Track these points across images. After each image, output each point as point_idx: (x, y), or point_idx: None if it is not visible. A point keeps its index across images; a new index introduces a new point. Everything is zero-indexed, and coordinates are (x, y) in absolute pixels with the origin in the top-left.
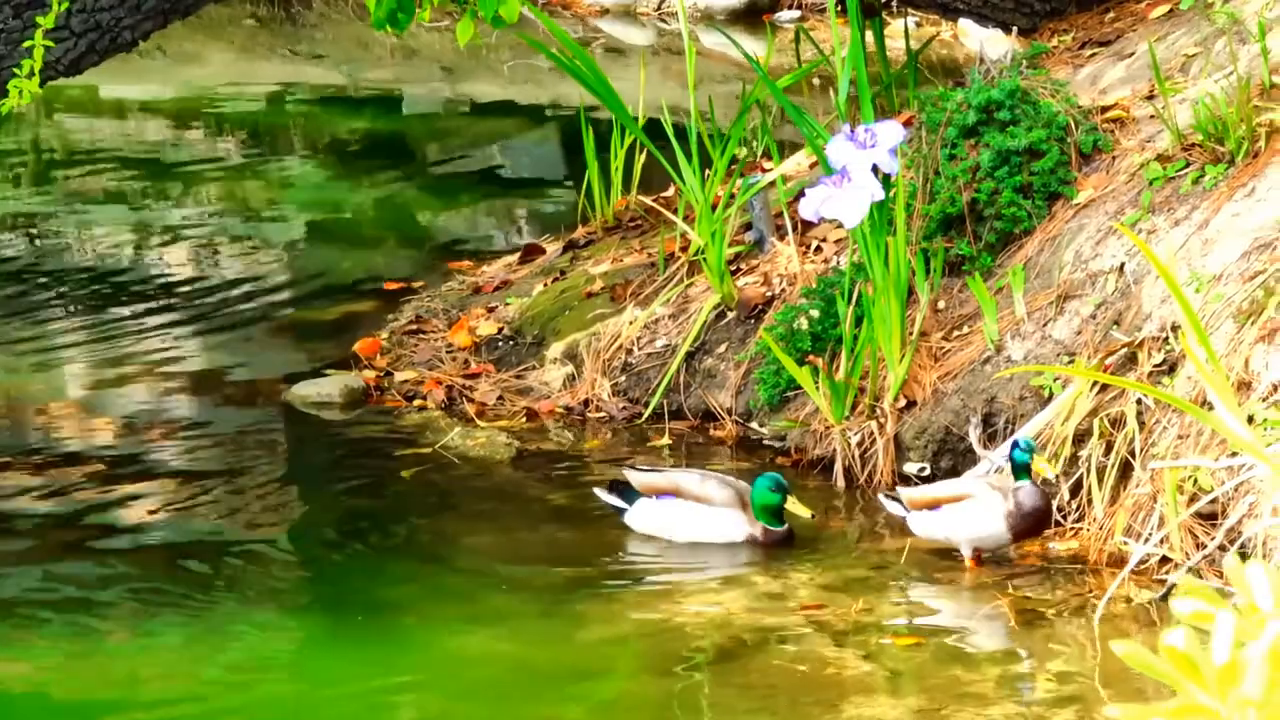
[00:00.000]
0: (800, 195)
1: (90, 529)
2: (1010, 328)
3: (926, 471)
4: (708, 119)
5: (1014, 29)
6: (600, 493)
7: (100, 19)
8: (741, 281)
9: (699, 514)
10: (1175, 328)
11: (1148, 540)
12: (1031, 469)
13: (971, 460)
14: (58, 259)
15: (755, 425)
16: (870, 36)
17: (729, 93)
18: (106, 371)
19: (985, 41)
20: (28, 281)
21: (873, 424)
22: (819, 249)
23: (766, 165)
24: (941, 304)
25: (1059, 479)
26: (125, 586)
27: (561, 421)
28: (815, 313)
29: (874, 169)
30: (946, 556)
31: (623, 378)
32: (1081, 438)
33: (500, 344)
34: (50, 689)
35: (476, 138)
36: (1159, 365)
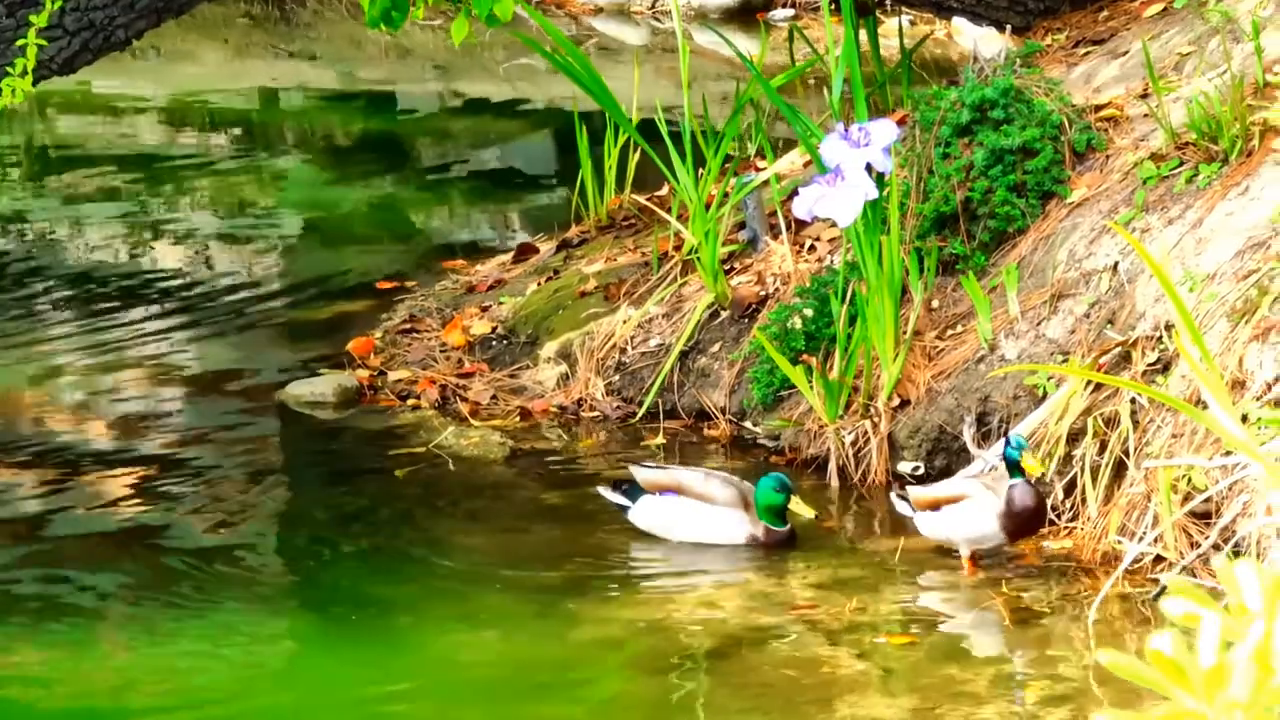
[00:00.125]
0: (794, 194)
1: (82, 529)
2: (1004, 327)
3: (920, 471)
4: (701, 118)
5: (1008, 27)
6: (604, 491)
7: (94, 17)
8: (735, 280)
9: (701, 513)
10: (1169, 326)
11: (1142, 539)
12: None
13: (966, 459)
14: (49, 258)
15: (749, 424)
16: (864, 35)
17: (723, 91)
18: (98, 371)
19: (979, 40)
20: (18, 280)
21: (867, 423)
22: (813, 248)
23: (760, 164)
24: (935, 303)
25: (1053, 479)
26: (116, 587)
27: (555, 421)
28: (809, 312)
29: (868, 168)
30: (940, 555)
31: (616, 377)
32: (1075, 437)
33: (494, 343)
34: (42, 694)
35: (470, 137)
36: (1153, 364)
